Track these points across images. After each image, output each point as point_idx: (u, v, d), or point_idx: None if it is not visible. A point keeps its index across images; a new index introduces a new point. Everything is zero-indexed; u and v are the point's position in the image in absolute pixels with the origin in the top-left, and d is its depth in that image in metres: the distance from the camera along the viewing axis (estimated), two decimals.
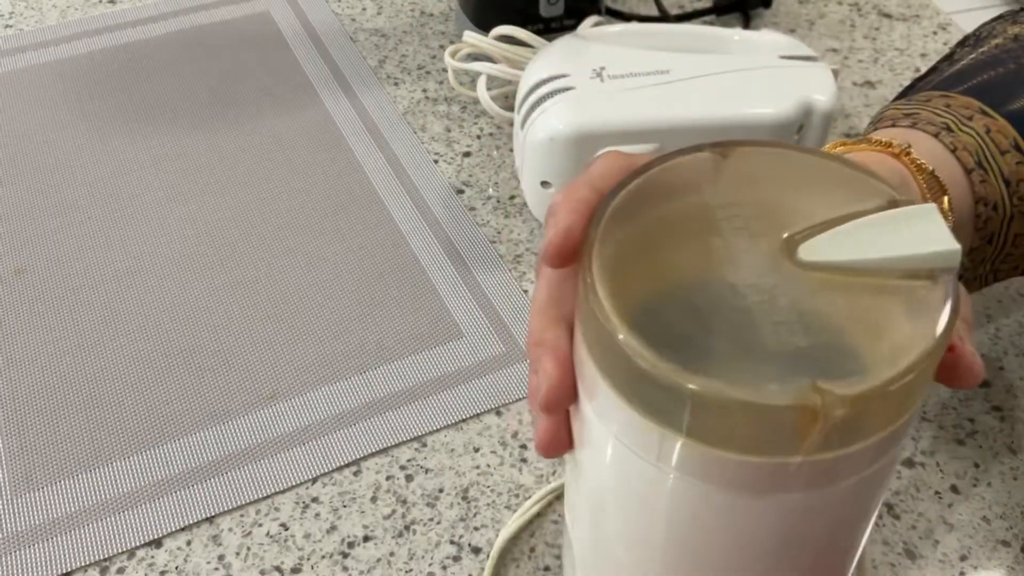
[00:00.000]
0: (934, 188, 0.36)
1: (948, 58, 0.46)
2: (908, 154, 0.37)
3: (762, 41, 0.55)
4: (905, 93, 0.45)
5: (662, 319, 0.24)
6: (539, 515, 0.43)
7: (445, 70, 0.67)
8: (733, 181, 0.27)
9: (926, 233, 0.24)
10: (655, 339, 0.23)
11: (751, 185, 0.27)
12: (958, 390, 0.30)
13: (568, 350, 0.27)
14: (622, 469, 0.26)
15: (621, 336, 0.23)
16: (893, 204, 0.25)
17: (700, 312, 0.24)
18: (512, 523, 0.42)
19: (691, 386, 0.22)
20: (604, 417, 0.25)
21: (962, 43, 0.47)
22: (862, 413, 0.22)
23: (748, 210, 0.26)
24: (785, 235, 0.25)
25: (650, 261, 0.25)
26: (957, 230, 0.37)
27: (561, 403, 0.26)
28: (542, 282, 0.28)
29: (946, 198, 0.36)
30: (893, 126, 0.40)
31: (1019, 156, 0.38)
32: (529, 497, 0.43)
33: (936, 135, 0.38)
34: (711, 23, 0.71)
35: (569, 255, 0.26)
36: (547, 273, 0.28)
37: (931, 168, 0.36)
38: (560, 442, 0.28)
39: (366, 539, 0.42)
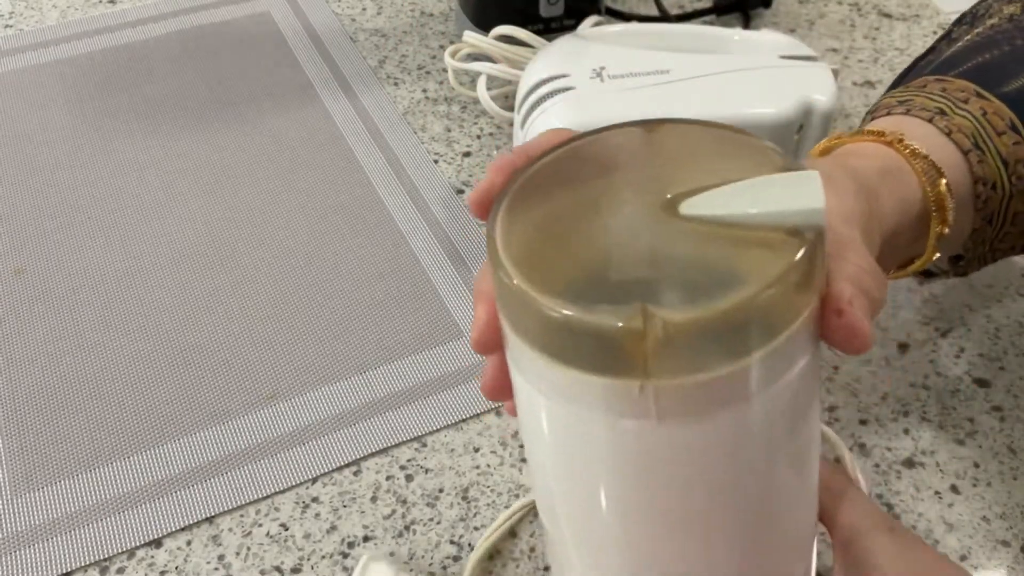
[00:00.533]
0: (930, 172, 0.37)
1: (946, 37, 0.46)
2: (901, 141, 0.37)
3: (762, 41, 0.55)
4: (904, 75, 0.45)
5: (546, 259, 0.26)
6: (539, 515, 0.43)
7: (445, 70, 0.67)
8: (651, 153, 0.29)
9: (799, 195, 0.25)
10: (533, 272, 0.25)
11: (666, 157, 0.28)
12: (850, 355, 0.31)
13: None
14: (524, 402, 0.28)
15: (501, 256, 0.26)
16: (783, 170, 0.27)
17: (580, 254, 0.26)
18: (488, 536, 0.42)
19: (536, 296, 0.24)
20: (511, 356, 0.27)
21: (959, 21, 0.47)
22: (695, 341, 0.24)
23: (651, 175, 0.28)
24: (670, 195, 0.27)
25: (549, 215, 0.27)
26: (958, 210, 0.38)
27: (487, 344, 0.29)
28: None
29: (943, 180, 0.37)
30: (888, 115, 0.40)
31: (1016, 137, 0.38)
32: (530, 497, 0.43)
33: (930, 120, 0.38)
34: (711, 23, 0.71)
35: (485, 207, 0.29)
36: None
37: (925, 152, 0.37)
38: (500, 386, 0.29)
39: (366, 539, 0.42)
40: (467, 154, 0.61)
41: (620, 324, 0.23)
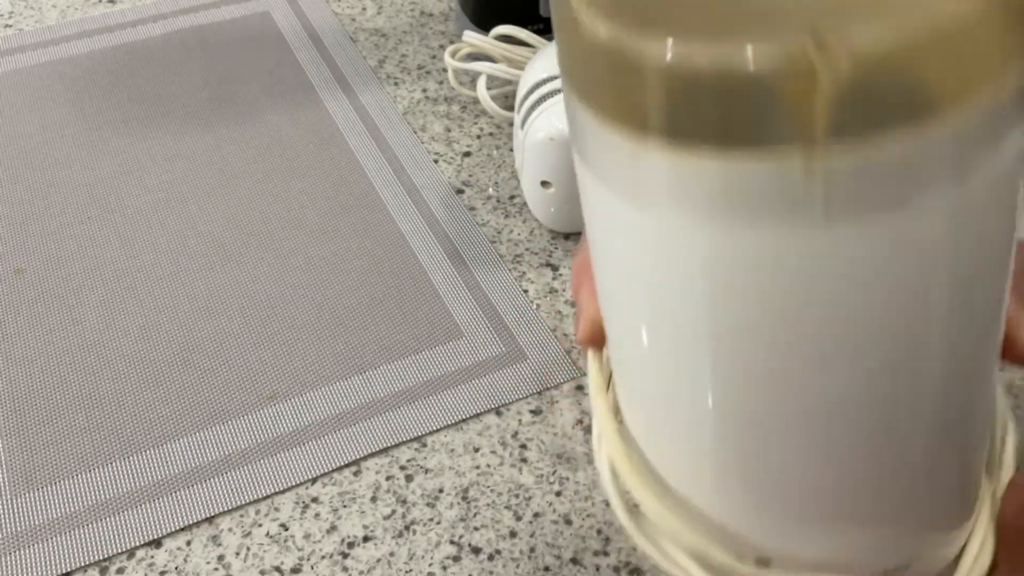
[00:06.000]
0: None
1: None
2: None
3: None
4: None
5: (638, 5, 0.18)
6: (539, 515, 0.43)
7: (445, 70, 0.67)
8: None
9: None
10: (623, 15, 0.17)
11: None
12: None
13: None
14: (609, 225, 0.21)
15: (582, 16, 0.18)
16: None
17: None
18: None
19: (648, 47, 0.16)
20: (588, 163, 0.20)
21: None
22: (893, 76, 0.16)
23: None
24: None
25: None
26: None
27: (597, 338, 0.27)
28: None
29: None
30: None
31: None
32: (530, 497, 0.43)
33: None
34: None
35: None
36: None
37: None
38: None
39: (366, 539, 0.42)
40: (467, 154, 0.61)
41: (776, 59, 0.15)
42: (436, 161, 0.60)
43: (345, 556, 0.42)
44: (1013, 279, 0.24)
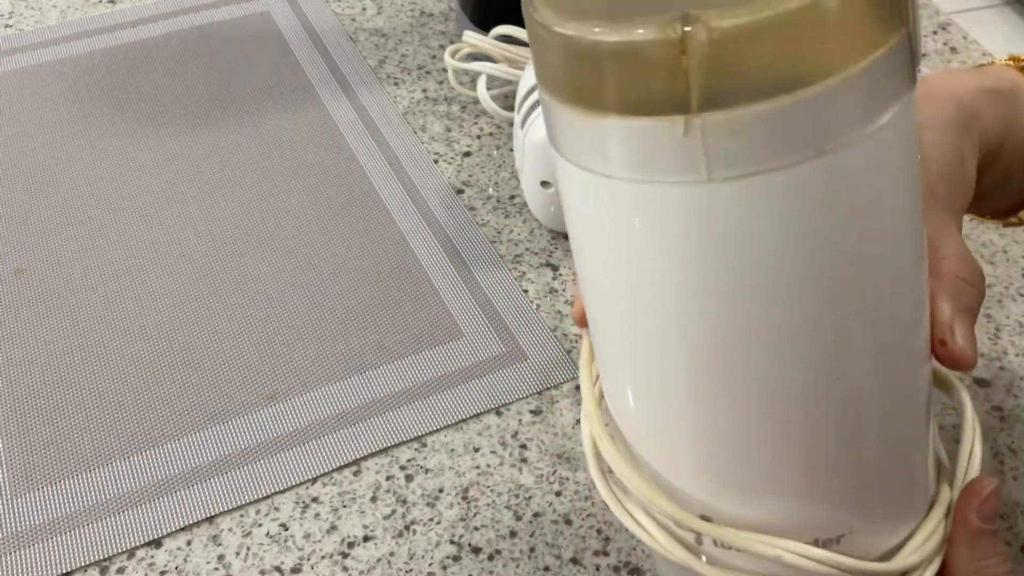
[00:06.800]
0: None
1: None
2: (1017, 60, 0.34)
3: None
4: None
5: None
6: (539, 515, 0.43)
7: (445, 70, 0.67)
8: None
9: None
10: (559, 4, 0.21)
11: None
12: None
13: None
14: (564, 185, 0.24)
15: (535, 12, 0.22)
16: None
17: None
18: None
19: (558, 30, 0.21)
20: (555, 145, 0.24)
21: None
22: (752, 57, 0.19)
23: None
24: None
25: None
26: None
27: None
28: None
29: None
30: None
31: None
32: (530, 497, 0.43)
33: None
34: None
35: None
36: None
37: None
38: None
39: (366, 539, 0.42)
40: (467, 154, 0.61)
41: (654, 35, 0.19)
42: (436, 161, 0.60)
43: (345, 556, 0.42)
44: (943, 282, 0.26)
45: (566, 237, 0.55)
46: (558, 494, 0.43)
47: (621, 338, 0.26)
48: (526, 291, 0.52)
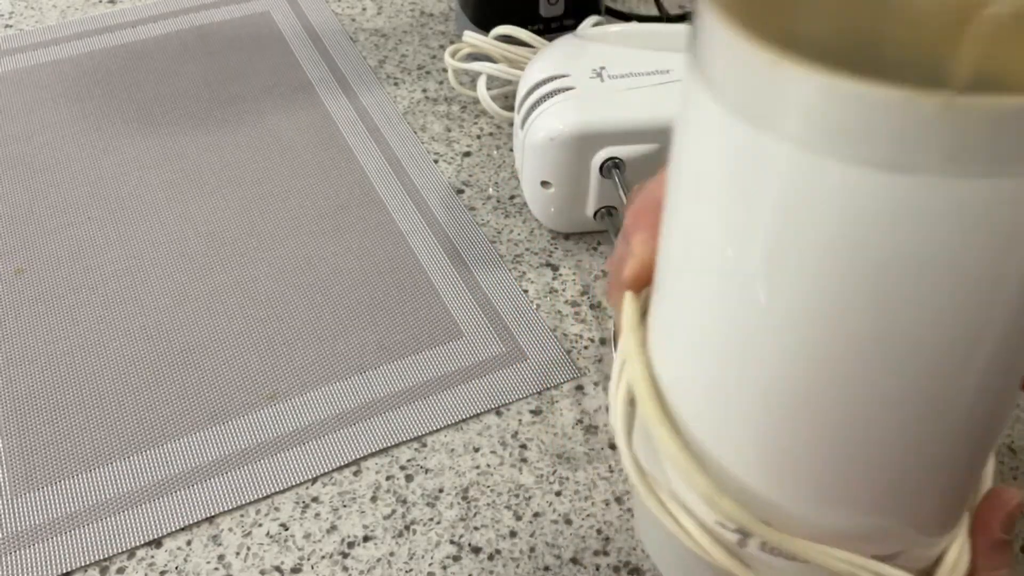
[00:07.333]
0: None
1: None
2: None
3: None
4: None
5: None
6: (539, 515, 0.43)
7: (445, 70, 0.67)
8: None
9: None
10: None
11: None
12: None
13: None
14: (715, 152, 0.20)
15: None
16: None
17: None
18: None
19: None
20: (711, 83, 0.20)
21: None
22: None
23: None
24: None
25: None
26: None
27: (644, 280, 0.27)
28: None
29: None
30: None
31: None
32: (530, 497, 0.43)
33: None
34: None
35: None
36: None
37: None
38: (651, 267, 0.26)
39: (366, 539, 0.42)
40: (467, 154, 0.61)
41: None
42: (436, 161, 0.60)
43: (345, 556, 0.42)
44: None
45: (566, 237, 0.55)
46: (558, 494, 0.44)
47: (721, 316, 0.23)
48: (526, 291, 0.52)
